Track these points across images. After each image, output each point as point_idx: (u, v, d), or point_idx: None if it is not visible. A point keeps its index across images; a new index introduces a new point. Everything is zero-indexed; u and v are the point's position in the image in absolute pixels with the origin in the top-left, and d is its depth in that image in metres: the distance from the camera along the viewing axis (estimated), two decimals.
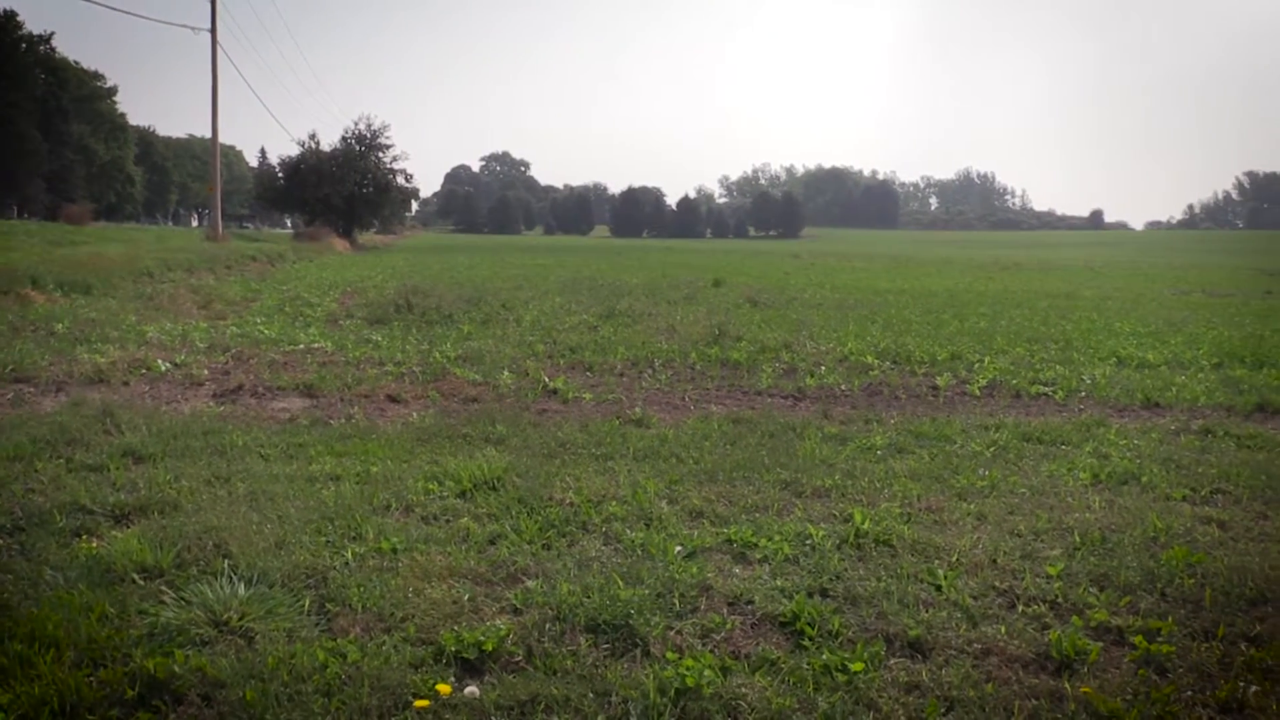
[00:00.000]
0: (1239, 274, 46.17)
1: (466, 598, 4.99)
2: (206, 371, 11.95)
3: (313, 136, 71.48)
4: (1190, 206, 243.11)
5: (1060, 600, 5.16)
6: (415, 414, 9.69)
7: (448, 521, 6.24)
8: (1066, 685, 4.24)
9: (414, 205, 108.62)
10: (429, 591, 5.03)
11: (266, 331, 15.74)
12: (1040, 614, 4.99)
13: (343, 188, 68.68)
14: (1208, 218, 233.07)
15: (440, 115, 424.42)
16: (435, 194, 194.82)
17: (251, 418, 9.35)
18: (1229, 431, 9.37)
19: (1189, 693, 4.22)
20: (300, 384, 11.12)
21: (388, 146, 72.73)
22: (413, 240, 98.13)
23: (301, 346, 14.21)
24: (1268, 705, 4.09)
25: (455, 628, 4.60)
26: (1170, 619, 4.91)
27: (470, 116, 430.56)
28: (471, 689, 4.14)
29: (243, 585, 4.93)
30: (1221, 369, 13.53)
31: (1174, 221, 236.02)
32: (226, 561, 5.30)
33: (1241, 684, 4.27)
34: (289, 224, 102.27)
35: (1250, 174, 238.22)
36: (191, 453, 7.77)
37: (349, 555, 5.52)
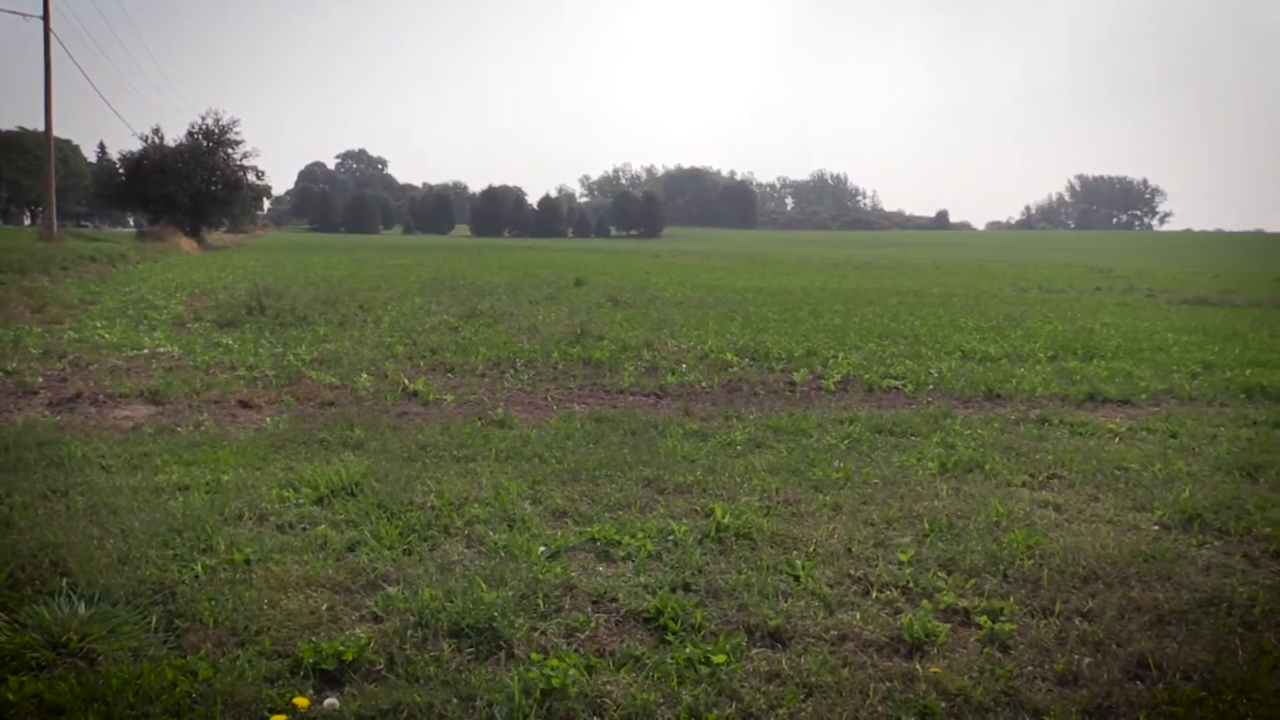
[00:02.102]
0: (1071, 271, 48.89)
1: (325, 607, 4.87)
2: (41, 379, 11.29)
3: (156, 131, 68.39)
4: (1027, 208, 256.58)
5: (911, 585, 5.38)
6: (269, 419, 9.39)
7: (304, 529, 6.07)
8: (918, 666, 4.43)
9: (266, 204, 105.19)
10: (285, 602, 4.88)
11: (107, 336, 14.97)
12: (893, 599, 5.19)
13: (189, 185, 65.80)
14: (1043, 218, 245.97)
15: (293, 111, 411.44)
16: (289, 192, 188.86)
17: (91, 427, 8.88)
18: (1063, 420, 9.92)
19: (1030, 667, 4.47)
20: (144, 390, 10.63)
21: (238, 142, 70.06)
22: (265, 240, 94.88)
23: (146, 351, 13.59)
24: (1099, 676, 4.36)
25: (313, 638, 4.48)
26: (1012, 599, 5.19)
27: (325, 112, 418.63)
28: (331, 701, 4.04)
29: (83, 604, 4.68)
30: (1056, 361, 14.32)
31: (1013, 222, 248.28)
32: (65, 580, 5.02)
33: (1077, 656, 4.55)
34: (131, 223, 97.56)
35: (1080, 177, 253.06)
36: (25, 465, 7.33)
37: (199, 568, 5.31)
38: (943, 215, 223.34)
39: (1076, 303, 26.88)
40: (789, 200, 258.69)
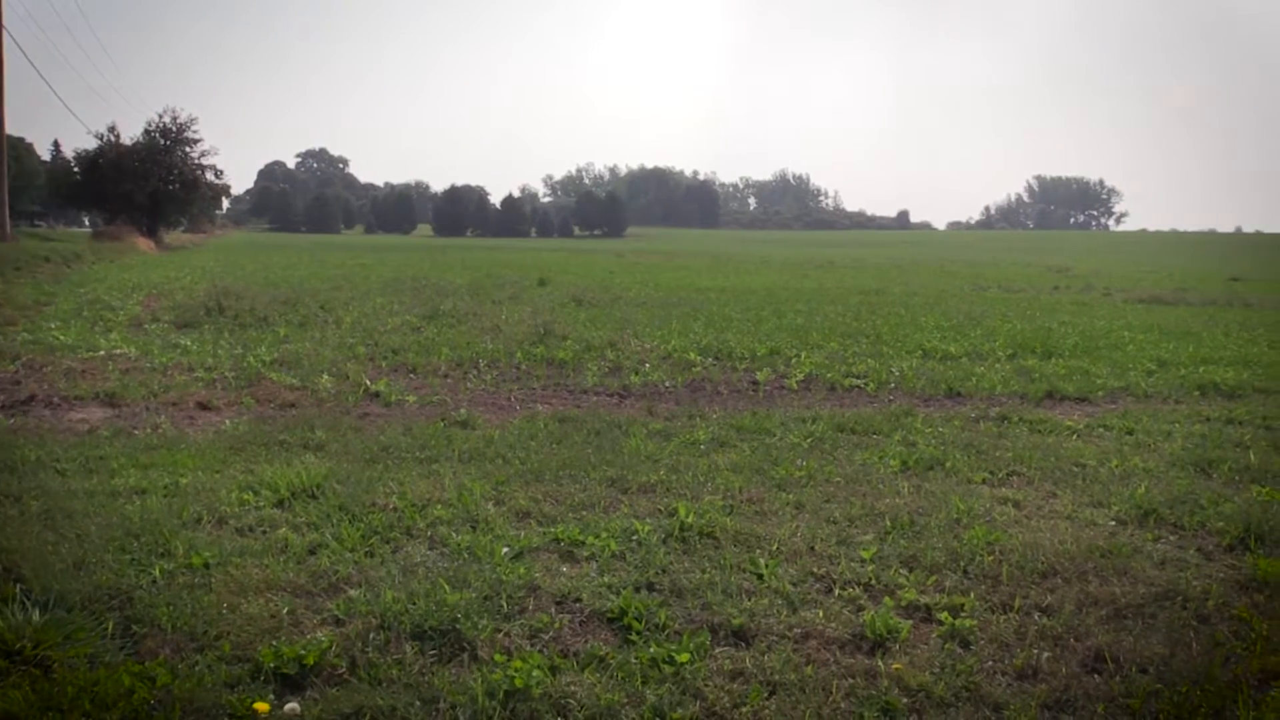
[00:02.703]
0: (1030, 271, 49.47)
1: (285, 611, 4.82)
2: None
3: (112, 129, 67.21)
4: (987, 208, 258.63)
5: (873, 582, 5.42)
6: (228, 421, 9.28)
7: (264, 533, 6.01)
8: (880, 663, 4.46)
9: (225, 203, 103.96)
10: (245, 607, 4.83)
11: (62, 337, 14.72)
12: (855, 596, 5.23)
13: (146, 184, 64.82)
14: (1002, 218, 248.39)
15: (253, 109, 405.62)
16: (248, 191, 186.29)
17: (46, 430, 8.74)
18: (1022, 417, 10.04)
19: (990, 663, 4.52)
20: (101, 393, 10.47)
21: (196, 140, 69.09)
22: (224, 240, 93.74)
23: (102, 353, 13.37)
24: (1058, 670, 4.42)
25: (274, 643, 4.44)
26: (972, 595, 5.25)
27: (285, 111, 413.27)
28: (292, 705, 4.01)
29: (37, 611, 4.60)
30: (1015, 359, 14.48)
31: (972, 222, 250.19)
32: (19, 586, 4.93)
33: (1035, 651, 4.61)
34: (87, 222, 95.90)
35: (1039, 178, 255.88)
36: None
37: (156, 573, 5.24)
38: (904, 215, 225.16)
39: (1035, 302, 27.21)
40: (751, 200, 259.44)
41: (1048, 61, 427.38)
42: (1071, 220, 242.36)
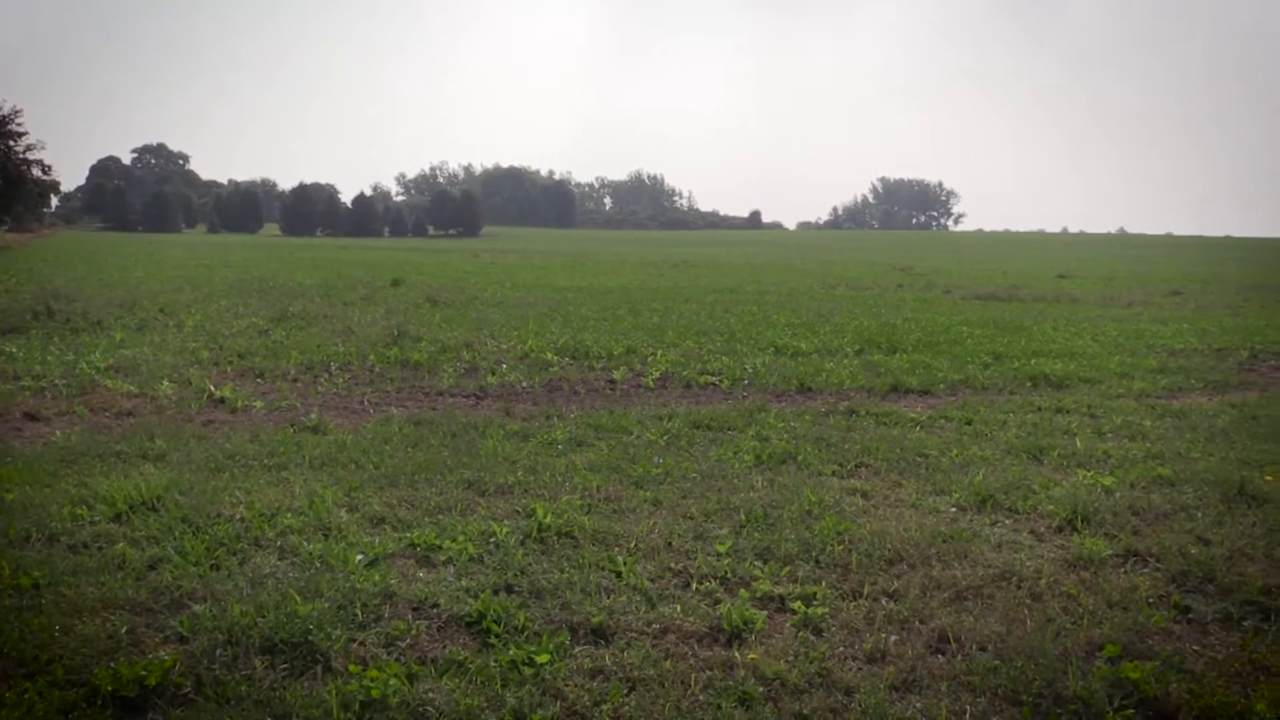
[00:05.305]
0: (876, 269, 51.29)
1: (124, 630, 4.60)
2: None
3: None
4: (835, 209, 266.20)
5: (729, 575, 5.54)
6: (58, 432, 8.77)
7: (100, 549, 5.71)
8: (737, 654, 4.57)
9: (54, 200, 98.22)
10: (79, 628, 4.58)
11: None
12: (712, 590, 5.32)
13: None
14: (849, 219, 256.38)
15: (84, 102, 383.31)
16: (80, 188, 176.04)
17: None
18: (869, 411, 10.41)
19: (841, 648, 4.69)
20: None
21: (20, 134, 65.08)
22: (54, 239, 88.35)
23: None
24: (905, 652, 4.61)
25: (111, 664, 4.23)
26: (824, 583, 5.42)
27: (119, 104, 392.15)
28: None
29: None
30: (863, 355, 15.00)
31: (821, 222, 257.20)
32: None
33: (884, 635, 4.80)
34: None
35: (883, 180, 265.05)
36: None
37: None
38: (755, 215, 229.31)
39: (880, 299, 28.19)
40: (607, 200, 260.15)
41: (892, 67, 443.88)
42: (914, 220, 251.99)
